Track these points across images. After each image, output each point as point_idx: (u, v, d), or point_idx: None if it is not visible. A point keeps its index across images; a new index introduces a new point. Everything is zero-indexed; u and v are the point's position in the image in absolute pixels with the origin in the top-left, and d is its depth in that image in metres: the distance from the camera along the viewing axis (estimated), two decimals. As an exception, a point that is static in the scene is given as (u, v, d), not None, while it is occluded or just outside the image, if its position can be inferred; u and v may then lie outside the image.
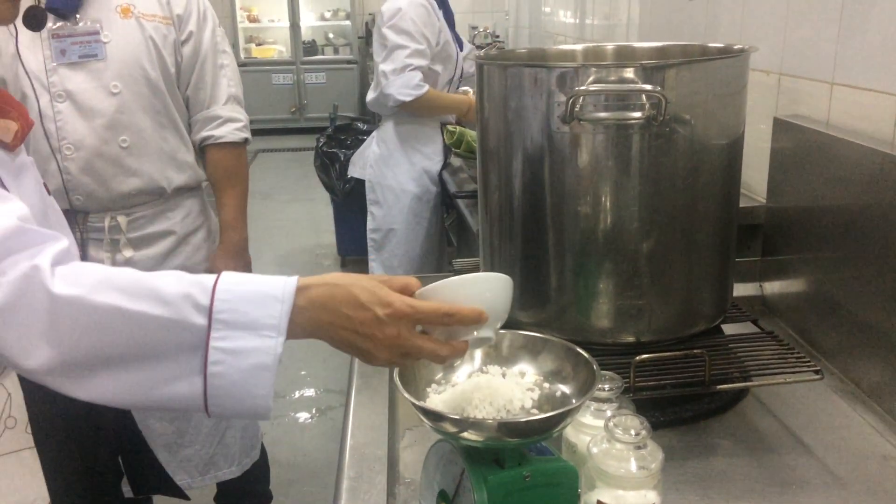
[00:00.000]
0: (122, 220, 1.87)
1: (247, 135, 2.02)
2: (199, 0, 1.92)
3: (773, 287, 1.55)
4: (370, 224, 3.09)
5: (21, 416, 1.04)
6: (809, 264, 1.43)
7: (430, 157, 2.96)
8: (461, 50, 3.02)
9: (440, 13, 2.86)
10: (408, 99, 2.77)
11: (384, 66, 2.81)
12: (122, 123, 1.82)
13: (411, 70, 2.75)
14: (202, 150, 2.00)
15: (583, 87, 1.08)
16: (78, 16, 1.78)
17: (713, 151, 1.17)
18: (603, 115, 1.11)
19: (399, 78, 2.76)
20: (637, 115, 1.09)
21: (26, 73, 1.76)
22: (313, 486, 2.77)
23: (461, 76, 3.05)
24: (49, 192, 1.19)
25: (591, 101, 1.10)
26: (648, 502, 0.86)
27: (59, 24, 1.77)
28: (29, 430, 1.05)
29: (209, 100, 1.96)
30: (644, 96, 1.08)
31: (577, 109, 1.09)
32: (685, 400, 1.18)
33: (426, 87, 2.78)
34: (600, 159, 1.13)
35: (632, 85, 1.08)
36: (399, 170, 2.97)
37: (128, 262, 1.89)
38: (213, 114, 1.97)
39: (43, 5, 1.75)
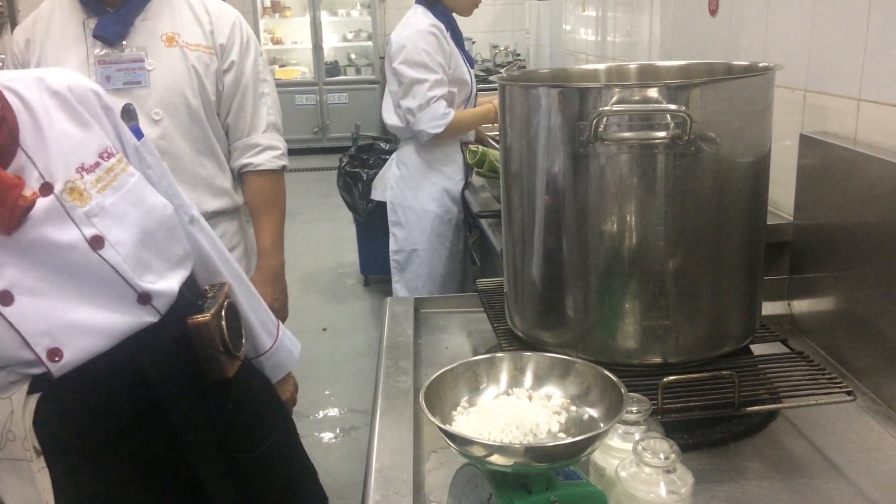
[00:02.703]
0: None
1: (285, 162, 2.04)
2: (243, 30, 1.95)
3: (801, 306, 1.53)
4: (392, 245, 3.09)
5: (20, 432, 1.02)
6: (839, 282, 1.41)
7: (450, 176, 2.96)
8: (472, 67, 3.02)
9: (448, 35, 2.86)
10: (439, 130, 2.79)
11: (407, 104, 2.81)
12: (162, 150, 1.84)
13: (435, 102, 2.76)
14: (241, 176, 2.02)
15: (607, 108, 1.08)
16: (124, 43, 1.81)
17: (739, 169, 1.16)
18: (627, 135, 1.10)
19: (426, 113, 2.77)
20: (662, 134, 1.09)
21: None
22: (338, 506, 2.76)
23: (476, 93, 3.06)
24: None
25: (615, 122, 1.10)
26: (679, 527, 0.84)
27: (105, 50, 1.80)
28: (27, 445, 1.02)
29: (249, 128, 1.98)
30: (669, 116, 1.08)
31: (600, 130, 1.09)
32: (714, 422, 1.16)
33: (452, 113, 2.80)
34: (625, 179, 1.12)
35: (656, 105, 1.08)
36: (420, 190, 2.98)
37: None
38: (253, 141, 1.99)
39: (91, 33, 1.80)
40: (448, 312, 1.71)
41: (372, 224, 4.21)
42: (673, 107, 1.06)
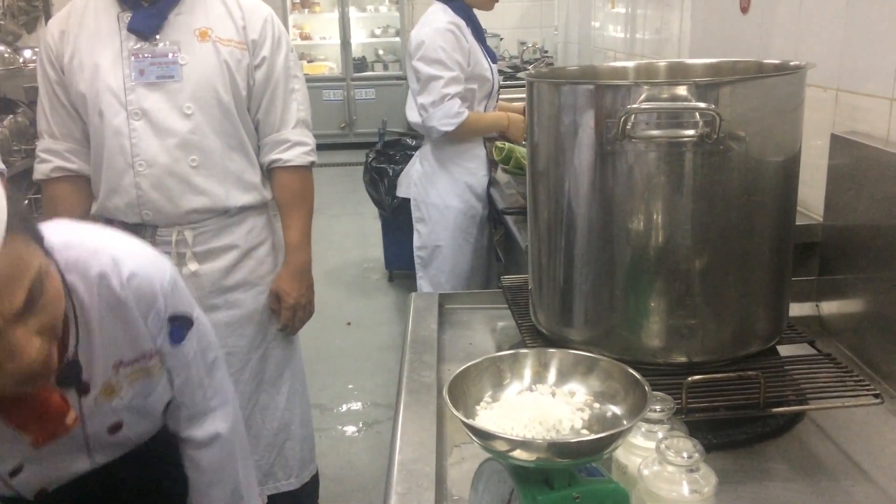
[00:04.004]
0: (188, 234, 1.92)
1: (313, 158, 2.05)
2: (275, 26, 1.96)
3: (830, 307, 1.51)
4: (416, 241, 3.10)
5: None
6: (868, 284, 1.39)
7: (473, 172, 2.96)
8: (494, 62, 3.01)
9: (468, 32, 2.85)
10: (451, 129, 2.78)
11: (422, 100, 2.82)
12: (193, 143, 1.86)
13: (449, 99, 2.76)
14: (270, 172, 2.04)
15: (635, 105, 1.07)
16: (158, 37, 1.83)
17: (769, 169, 1.15)
18: (655, 132, 1.10)
19: (438, 110, 2.77)
20: (690, 132, 1.08)
21: (106, 89, 1.82)
22: (360, 500, 2.78)
23: (499, 89, 3.04)
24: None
25: (643, 119, 1.09)
26: (701, 527, 0.84)
27: (139, 44, 1.83)
28: None
29: (279, 123, 1.99)
30: (698, 114, 1.07)
31: (629, 127, 1.08)
32: (738, 422, 1.15)
33: (466, 113, 2.79)
34: (652, 177, 1.12)
35: (685, 103, 1.07)
36: (442, 186, 2.98)
37: (193, 275, 1.93)
38: (282, 137, 2.00)
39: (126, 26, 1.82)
40: (472, 308, 1.71)
41: (397, 219, 4.22)
42: (702, 105, 1.06)
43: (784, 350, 1.29)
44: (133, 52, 1.82)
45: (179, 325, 1.21)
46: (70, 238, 1.10)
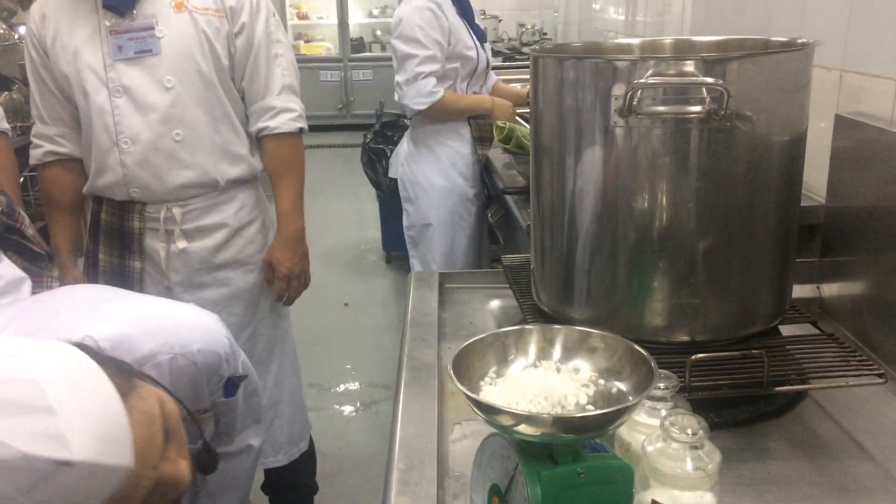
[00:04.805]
0: (176, 211, 1.90)
1: (302, 124, 2.02)
2: None
3: (831, 289, 1.51)
4: (405, 221, 3.12)
5: None
6: (870, 266, 1.39)
7: (457, 150, 2.95)
8: (483, 42, 2.98)
9: (451, 11, 2.82)
10: (423, 108, 2.78)
11: (398, 77, 2.83)
12: (176, 117, 1.84)
13: (424, 78, 2.75)
14: (259, 141, 2.01)
15: (642, 80, 1.06)
16: (134, 12, 1.81)
17: (775, 148, 1.14)
18: (661, 108, 1.09)
19: (412, 88, 2.76)
20: (697, 109, 1.07)
21: (87, 68, 1.80)
22: (357, 478, 2.79)
23: (487, 67, 3.02)
24: None
25: (649, 95, 1.08)
26: (704, 503, 0.84)
27: (115, 20, 1.80)
28: None
29: (263, 90, 1.96)
30: (704, 90, 1.06)
31: (634, 103, 1.07)
32: (741, 401, 1.15)
33: (440, 92, 2.78)
34: (658, 154, 1.11)
35: (692, 78, 1.06)
36: (427, 165, 2.98)
37: (182, 253, 1.92)
38: (268, 104, 1.97)
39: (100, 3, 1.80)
40: (473, 288, 1.71)
41: (395, 200, 4.19)
42: (710, 80, 1.05)
43: (786, 330, 1.29)
44: (110, 29, 1.80)
45: (234, 382, 1.27)
46: (128, 331, 1.11)
